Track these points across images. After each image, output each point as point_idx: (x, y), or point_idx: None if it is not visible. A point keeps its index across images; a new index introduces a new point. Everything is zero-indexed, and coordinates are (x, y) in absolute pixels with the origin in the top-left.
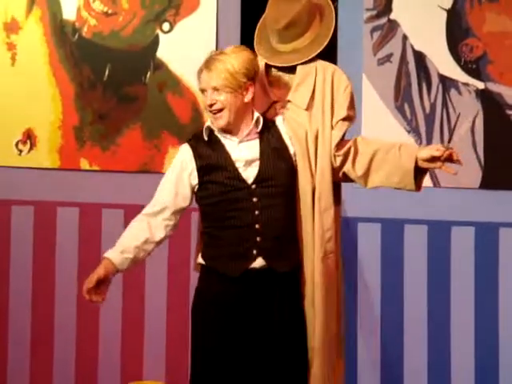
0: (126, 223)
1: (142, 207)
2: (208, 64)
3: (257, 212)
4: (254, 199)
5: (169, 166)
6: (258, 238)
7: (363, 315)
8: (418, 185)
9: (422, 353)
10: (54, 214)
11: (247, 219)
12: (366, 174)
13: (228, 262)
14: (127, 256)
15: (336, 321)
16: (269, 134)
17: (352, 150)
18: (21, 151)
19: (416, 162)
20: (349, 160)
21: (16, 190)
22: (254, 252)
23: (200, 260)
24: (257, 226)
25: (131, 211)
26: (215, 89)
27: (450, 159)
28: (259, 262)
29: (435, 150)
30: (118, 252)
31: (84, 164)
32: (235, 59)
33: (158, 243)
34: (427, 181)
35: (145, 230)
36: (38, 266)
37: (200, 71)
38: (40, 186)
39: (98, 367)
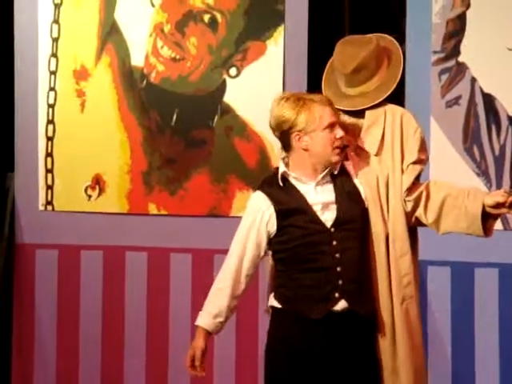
0: (194, 267)
1: (209, 251)
2: (326, 100)
3: (337, 255)
4: (334, 242)
5: (236, 209)
6: (339, 281)
7: (434, 361)
8: (488, 230)
9: None
10: (122, 259)
11: (328, 262)
12: (437, 221)
13: (310, 304)
14: (220, 320)
15: (421, 363)
16: (341, 178)
17: (424, 195)
18: (90, 196)
19: (484, 208)
20: (420, 205)
21: (85, 234)
22: (336, 295)
23: (274, 303)
24: (338, 268)
25: (199, 255)
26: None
27: None
28: (341, 305)
29: (500, 195)
30: (211, 318)
31: (152, 208)
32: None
33: (241, 296)
34: (497, 224)
35: (229, 288)
36: (107, 310)
37: (314, 108)
38: (109, 230)
39: None
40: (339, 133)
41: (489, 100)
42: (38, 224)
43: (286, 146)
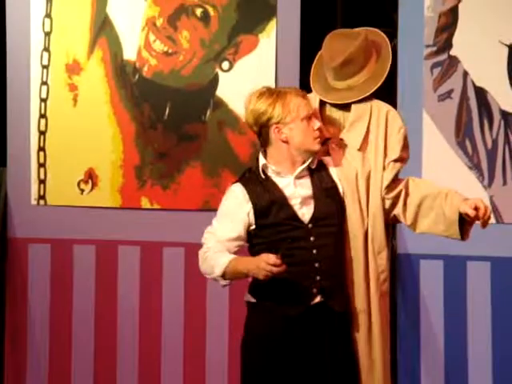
0: (187, 261)
1: (202, 246)
2: (300, 92)
3: (315, 251)
4: (312, 238)
5: None
6: (317, 277)
7: (426, 353)
8: (465, 234)
9: None
10: (115, 253)
11: (306, 258)
12: (415, 221)
13: (287, 300)
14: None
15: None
16: (319, 173)
17: (402, 194)
18: (82, 190)
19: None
20: (399, 205)
21: (78, 229)
22: (314, 290)
23: (251, 298)
24: (316, 264)
25: (192, 249)
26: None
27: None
28: (318, 300)
29: (472, 208)
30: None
31: (145, 203)
32: None
33: None
34: (490, 217)
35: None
36: (100, 304)
37: (289, 101)
38: (101, 225)
39: None
40: (316, 124)
41: (481, 93)
42: (30, 218)
43: (265, 141)
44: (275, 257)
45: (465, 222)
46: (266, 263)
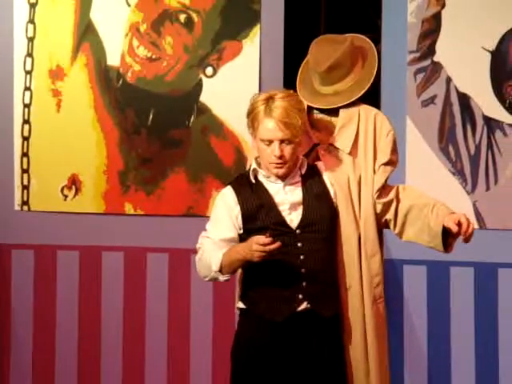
0: (171, 267)
1: (186, 251)
2: (273, 114)
3: (302, 257)
4: (299, 244)
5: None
6: (303, 283)
7: (410, 359)
8: (448, 246)
9: None
10: (99, 259)
11: (293, 264)
12: (402, 228)
13: (273, 306)
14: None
15: (387, 365)
16: (310, 178)
17: (394, 201)
18: (66, 196)
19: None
20: (390, 211)
21: (61, 235)
22: (300, 296)
23: (240, 304)
24: (302, 270)
25: (176, 255)
26: (283, 141)
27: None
28: (304, 306)
29: (455, 223)
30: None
31: (129, 208)
32: (298, 112)
33: None
34: (473, 223)
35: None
36: (83, 310)
37: (262, 118)
38: (85, 230)
39: None
40: (275, 151)
41: (464, 99)
42: (13, 224)
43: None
44: (265, 236)
45: (449, 235)
46: (258, 245)
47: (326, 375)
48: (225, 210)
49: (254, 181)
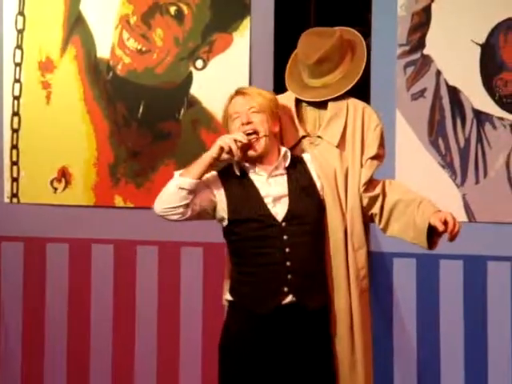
0: (161, 260)
1: (176, 243)
2: (241, 90)
3: (287, 250)
4: (285, 237)
5: None
6: (289, 276)
7: (399, 351)
8: (433, 244)
9: None
10: (88, 252)
11: (278, 257)
12: (387, 223)
13: (258, 299)
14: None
15: (371, 357)
16: (296, 171)
17: (380, 196)
18: (56, 189)
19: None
20: (376, 205)
21: (51, 227)
22: (285, 289)
23: (228, 297)
24: (288, 263)
25: (166, 248)
26: (250, 110)
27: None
28: (289, 299)
29: (442, 222)
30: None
31: (118, 201)
32: (264, 91)
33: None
34: (463, 216)
35: None
36: (73, 302)
37: (231, 98)
38: (75, 223)
39: None
40: (243, 118)
41: (454, 93)
42: (3, 216)
43: None
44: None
45: (434, 233)
46: (232, 137)
47: (311, 368)
48: (209, 177)
49: (238, 173)
